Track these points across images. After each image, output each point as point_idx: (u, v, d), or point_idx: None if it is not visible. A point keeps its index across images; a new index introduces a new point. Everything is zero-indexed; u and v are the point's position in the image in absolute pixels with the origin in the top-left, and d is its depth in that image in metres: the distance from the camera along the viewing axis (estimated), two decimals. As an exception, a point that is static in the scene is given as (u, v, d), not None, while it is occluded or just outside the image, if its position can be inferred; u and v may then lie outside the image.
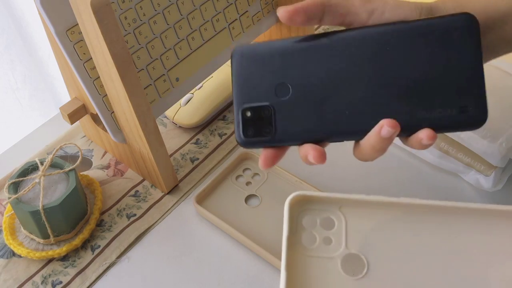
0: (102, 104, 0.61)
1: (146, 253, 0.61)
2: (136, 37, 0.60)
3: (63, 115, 0.64)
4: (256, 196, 0.64)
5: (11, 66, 1.10)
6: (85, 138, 0.73)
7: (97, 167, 0.69)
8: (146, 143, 0.60)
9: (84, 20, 0.52)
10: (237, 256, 0.60)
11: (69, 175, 0.60)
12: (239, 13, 0.69)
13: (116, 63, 0.54)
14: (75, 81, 0.62)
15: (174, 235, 0.62)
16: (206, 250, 0.61)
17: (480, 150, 0.61)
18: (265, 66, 0.41)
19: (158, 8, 0.61)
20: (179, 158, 0.70)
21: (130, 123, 0.59)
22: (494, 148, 0.60)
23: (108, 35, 0.52)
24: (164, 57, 0.63)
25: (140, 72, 0.61)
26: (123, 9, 0.58)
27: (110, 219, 0.64)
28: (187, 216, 0.64)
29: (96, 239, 0.62)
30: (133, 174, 0.68)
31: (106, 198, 0.66)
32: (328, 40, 0.41)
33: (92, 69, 0.58)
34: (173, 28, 0.63)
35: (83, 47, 0.57)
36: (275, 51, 0.41)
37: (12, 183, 0.59)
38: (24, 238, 0.61)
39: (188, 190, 0.67)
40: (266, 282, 0.58)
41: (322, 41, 0.41)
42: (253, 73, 0.41)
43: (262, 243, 0.59)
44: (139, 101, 0.57)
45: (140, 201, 0.66)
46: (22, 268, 0.60)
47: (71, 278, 0.59)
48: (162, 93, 0.63)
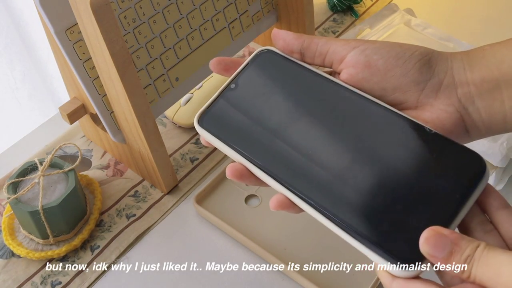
0: (102, 104, 0.61)
1: (146, 253, 0.61)
2: (136, 36, 0.59)
3: (63, 115, 0.64)
4: (256, 196, 0.64)
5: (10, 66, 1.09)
6: (85, 138, 0.72)
7: (96, 167, 0.69)
8: (145, 143, 0.60)
9: (83, 19, 0.52)
10: (237, 256, 0.60)
11: (69, 175, 0.60)
12: (239, 12, 0.69)
13: (115, 63, 0.53)
14: (74, 81, 0.62)
15: (173, 235, 0.62)
16: (206, 250, 0.61)
17: (481, 150, 0.61)
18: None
19: (158, 8, 0.60)
20: (179, 158, 0.70)
21: (129, 123, 0.59)
22: (495, 148, 0.60)
23: (107, 35, 0.52)
24: (164, 57, 0.62)
25: (139, 72, 0.61)
26: (123, 9, 0.58)
27: (109, 219, 0.64)
28: (187, 216, 0.64)
29: (95, 239, 0.62)
30: (132, 174, 0.68)
31: (106, 198, 0.66)
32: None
33: (91, 69, 0.58)
34: (173, 27, 0.62)
35: (82, 46, 0.57)
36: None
37: (11, 183, 0.59)
38: (24, 238, 0.61)
39: (188, 190, 0.66)
40: (266, 282, 0.58)
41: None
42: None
43: (262, 243, 0.59)
44: (138, 101, 0.57)
45: (139, 201, 0.66)
46: (21, 268, 0.60)
47: (71, 279, 0.59)
48: (162, 92, 0.63)
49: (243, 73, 0.42)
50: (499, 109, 0.38)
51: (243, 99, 0.41)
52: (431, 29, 0.77)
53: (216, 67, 0.43)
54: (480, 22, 0.84)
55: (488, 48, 0.39)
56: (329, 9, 0.88)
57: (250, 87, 0.41)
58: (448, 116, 0.38)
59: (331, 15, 0.87)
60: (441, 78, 0.38)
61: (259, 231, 0.61)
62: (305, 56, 0.42)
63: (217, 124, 0.41)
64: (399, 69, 0.38)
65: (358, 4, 0.88)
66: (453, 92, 0.38)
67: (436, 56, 0.39)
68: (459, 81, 0.38)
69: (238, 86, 0.42)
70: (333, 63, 0.41)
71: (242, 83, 0.42)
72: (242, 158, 0.39)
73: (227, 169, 0.39)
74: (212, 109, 0.41)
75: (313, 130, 0.39)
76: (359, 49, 0.39)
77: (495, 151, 0.60)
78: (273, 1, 0.74)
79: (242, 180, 0.39)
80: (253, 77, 0.42)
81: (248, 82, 0.42)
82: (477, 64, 0.38)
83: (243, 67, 0.42)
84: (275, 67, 0.42)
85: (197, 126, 0.41)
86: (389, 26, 0.78)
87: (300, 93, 0.40)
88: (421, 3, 0.87)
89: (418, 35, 0.76)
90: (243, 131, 0.40)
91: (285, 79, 0.41)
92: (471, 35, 0.81)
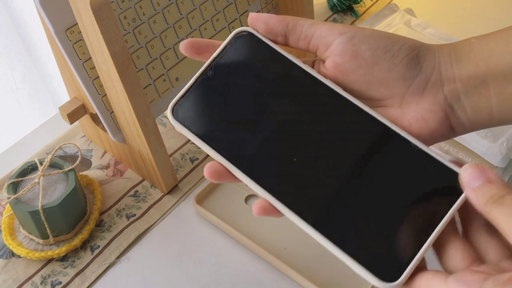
0: (102, 104, 0.61)
1: (146, 253, 0.61)
2: (136, 36, 0.59)
3: (63, 115, 0.64)
4: (256, 196, 0.64)
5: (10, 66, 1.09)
6: (85, 138, 0.72)
7: (96, 167, 0.69)
8: (145, 143, 0.60)
9: (83, 19, 0.52)
10: (237, 256, 0.60)
11: (69, 175, 0.60)
12: (239, 12, 0.69)
13: (115, 63, 0.53)
14: (74, 81, 0.62)
15: (173, 235, 0.62)
16: (206, 250, 0.61)
17: (481, 150, 0.61)
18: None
19: (158, 8, 0.60)
20: (179, 158, 0.70)
21: (129, 123, 0.59)
22: (495, 148, 0.60)
23: (107, 35, 0.52)
24: (164, 57, 0.62)
25: (139, 72, 0.61)
26: (123, 9, 0.58)
27: (109, 219, 0.64)
28: (187, 216, 0.64)
29: (95, 239, 0.62)
30: (132, 174, 0.68)
31: (106, 198, 0.66)
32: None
33: (91, 69, 0.58)
34: (173, 27, 0.62)
35: (82, 46, 0.57)
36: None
37: (11, 183, 0.59)
38: (24, 238, 0.61)
39: (188, 190, 0.66)
40: (266, 282, 0.58)
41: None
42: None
43: (262, 243, 0.59)
44: (138, 101, 0.57)
45: (139, 201, 0.66)
46: (21, 268, 0.60)
47: (71, 279, 0.59)
48: (162, 92, 0.63)
49: (220, 59, 0.39)
50: (485, 105, 0.37)
51: (220, 89, 0.38)
52: (431, 29, 0.77)
53: (188, 50, 0.39)
54: (480, 22, 0.84)
55: (475, 41, 0.38)
56: (329, 9, 0.88)
57: (227, 75, 0.38)
58: (433, 116, 0.38)
59: (331, 15, 0.87)
60: (428, 75, 0.38)
61: (259, 231, 0.61)
62: (289, 40, 0.39)
63: (192, 117, 0.38)
64: (386, 63, 0.37)
65: (358, 4, 0.88)
66: (439, 90, 0.38)
67: (424, 51, 0.38)
68: (446, 78, 0.38)
69: (215, 74, 0.39)
70: (318, 48, 0.39)
71: (218, 70, 0.39)
72: (220, 156, 0.37)
73: (205, 169, 0.37)
74: (187, 99, 0.38)
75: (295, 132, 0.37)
76: (347, 36, 0.38)
77: (495, 151, 0.60)
78: (273, 1, 0.74)
79: (222, 181, 0.37)
80: (231, 65, 0.39)
81: (226, 70, 0.39)
82: (465, 59, 0.38)
83: (219, 52, 0.39)
84: (254, 53, 0.39)
85: (171, 117, 0.38)
86: (389, 26, 0.78)
87: (282, 87, 0.38)
88: (421, 3, 0.87)
89: (418, 35, 0.76)
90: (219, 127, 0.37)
91: (265, 68, 0.38)
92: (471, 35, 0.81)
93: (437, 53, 0.38)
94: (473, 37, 0.39)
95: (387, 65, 0.37)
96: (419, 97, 0.38)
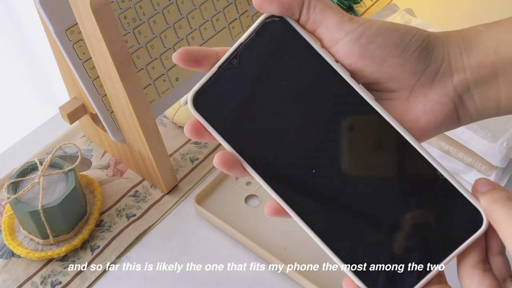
0: (102, 104, 0.61)
1: (146, 253, 0.61)
2: (136, 36, 0.59)
3: (62, 115, 0.64)
4: (256, 196, 0.64)
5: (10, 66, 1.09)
6: (85, 138, 0.72)
7: (96, 167, 0.69)
8: (145, 143, 0.60)
9: (83, 19, 0.52)
10: (237, 256, 0.60)
11: (69, 175, 0.60)
12: (239, 12, 0.69)
13: (115, 63, 0.53)
14: (74, 81, 0.62)
15: (174, 235, 0.62)
16: (206, 250, 0.61)
17: (481, 150, 0.61)
18: None
19: (158, 8, 0.60)
20: (179, 158, 0.70)
21: (129, 123, 0.59)
22: (495, 148, 0.60)
23: (107, 35, 0.52)
24: (164, 57, 0.62)
25: (139, 72, 0.61)
26: (123, 9, 0.58)
27: (109, 219, 0.64)
28: (187, 216, 0.64)
29: (95, 239, 0.62)
30: (132, 174, 0.68)
31: (106, 198, 0.66)
32: None
33: (91, 69, 0.58)
34: (173, 27, 0.62)
35: (82, 46, 0.57)
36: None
37: (11, 183, 0.59)
38: (24, 238, 0.61)
39: (188, 190, 0.66)
40: (266, 282, 0.58)
41: None
42: None
43: (262, 243, 0.59)
44: (138, 101, 0.57)
45: (139, 201, 0.66)
46: (21, 268, 0.60)
47: (71, 279, 0.59)
48: (162, 92, 0.63)
49: (246, 47, 0.35)
50: (494, 95, 0.37)
51: (244, 82, 0.35)
52: (431, 29, 0.77)
53: (183, 60, 0.36)
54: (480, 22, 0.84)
55: (483, 30, 0.38)
56: (329, 9, 0.88)
57: (253, 67, 0.35)
58: (442, 108, 0.37)
59: (331, 15, 0.87)
60: (438, 65, 0.37)
61: (259, 231, 0.61)
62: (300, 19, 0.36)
63: (213, 109, 0.35)
64: (396, 59, 0.36)
65: (358, 4, 0.88)
66: (448, 80, 0.37)
67: (432, 40, 0.37)
68: (455, 68, 0.37)
69: (240, 63, 0.35)
70: (322, 40, 0.37)
71: (244, 60, 0.35)
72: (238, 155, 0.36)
73: (216, 157, 0.35)
74: (208, 89, 0.35)
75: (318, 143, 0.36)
76: (353, 37, 0.36)
77: (495, 151, 0.60)
78: (273, 1, 0.73)
79: (232, 172, 0.36)
80: (258, 55, 0.35)
81: (252, 61, 0.35)
82: (474, 48, 0.37)
83: (246, 38, 0.35)
84: (285, 44, 0.35)
85: (191, 108, 0.35)
86: (389, 26, 0.77)
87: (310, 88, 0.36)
88: (421, 3, 0.87)
89: (418, 35, 0.76)
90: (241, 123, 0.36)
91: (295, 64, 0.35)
92: (471, 35, 0.81)
93: (445, 42, 0.37)
94: (481, 25, 0.38)
95: (397, 61, 0.37)
96: (428, 89, 0.37)
